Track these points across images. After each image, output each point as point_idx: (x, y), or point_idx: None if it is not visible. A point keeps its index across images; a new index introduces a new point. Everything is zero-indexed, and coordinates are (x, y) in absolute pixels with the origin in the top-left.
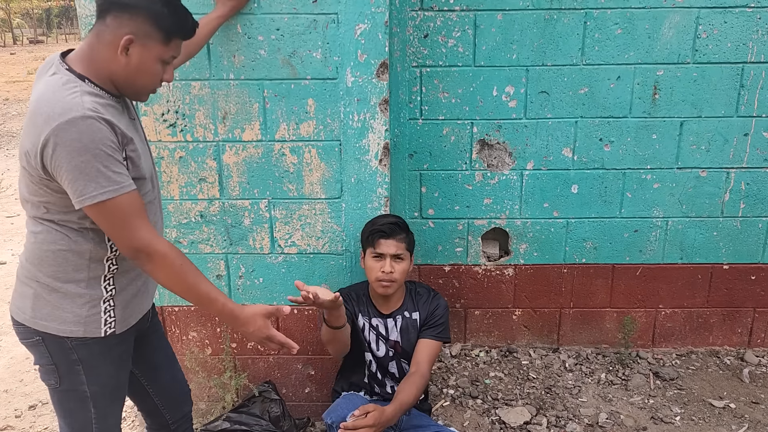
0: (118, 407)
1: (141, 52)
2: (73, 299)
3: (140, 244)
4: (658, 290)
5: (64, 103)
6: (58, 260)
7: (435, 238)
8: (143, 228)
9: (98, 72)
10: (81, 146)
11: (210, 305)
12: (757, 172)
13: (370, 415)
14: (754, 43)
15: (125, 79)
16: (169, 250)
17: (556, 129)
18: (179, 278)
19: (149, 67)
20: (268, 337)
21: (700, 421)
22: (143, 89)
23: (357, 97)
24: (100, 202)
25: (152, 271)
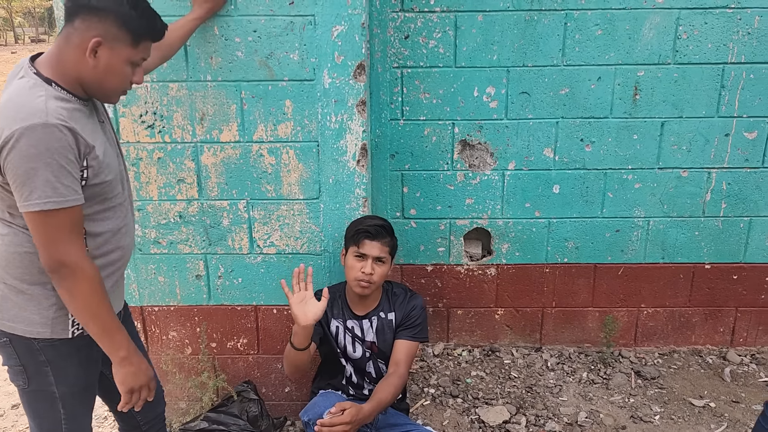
0: (87, 408)
1: (109, 55)
2: (39, 301)
3: (67, 260)
4: (640, 290)
5: (28, 108)
6: (24, 263)
7: (417, 238)
8: (77, 244)
9: (66, 75)
10: (35, 153)
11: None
12: (739, 172)
13: (347, 412)
14: (734, 44)
15: (94, 81)
16: (93, 272)
17: (537, 129)
18: (96, 303)
19: (118, 69)
20: (152, 378)
21: (679, 420)
22: (112, 91)
23: (334, 98)
24: (41, 211)
25: (70, 287)
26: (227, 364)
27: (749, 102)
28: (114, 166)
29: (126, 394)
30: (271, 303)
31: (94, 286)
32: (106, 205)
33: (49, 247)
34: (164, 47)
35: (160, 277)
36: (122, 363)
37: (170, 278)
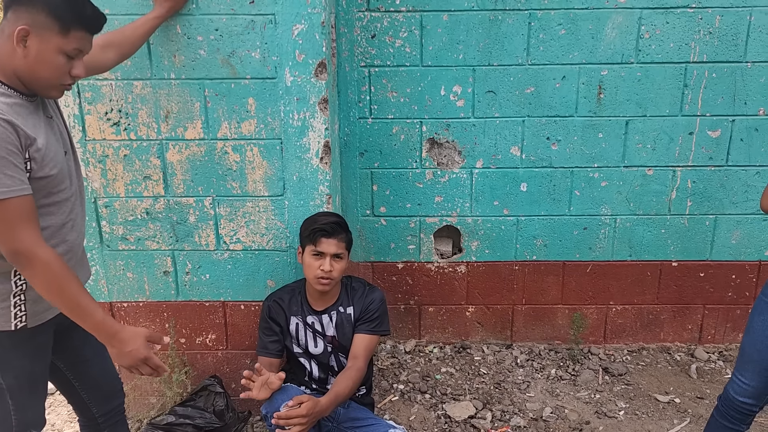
0: (37, 400)
1: (39, 44)
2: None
3: (21, 248)
4: (608, 287)
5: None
6: None
7: (387, 236)
8: (28, 232)
9: (4, 69)
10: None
11: (87, 318)
12: (703, 170)
13: (304, 405)
14: (696, 43)
15: (27, 72)
16: (51, 257)
17: (504, 128)
18: (58, 286)
19: (49, 58)
20: (145, 358)
21: (643, 416)
22: (47, 82)
23: (296, 96)
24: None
25: (31, 276)
26: (196, 359)
27: (712, 101)
28: (59, 161)
29: (125, 370)
30: (238, 299)
31: (53, 272)
32: (50, 199)
33: (3, 237)
34: (124, 45)
35: (129, 273)
36: (106, 343)
37: (138, 274)
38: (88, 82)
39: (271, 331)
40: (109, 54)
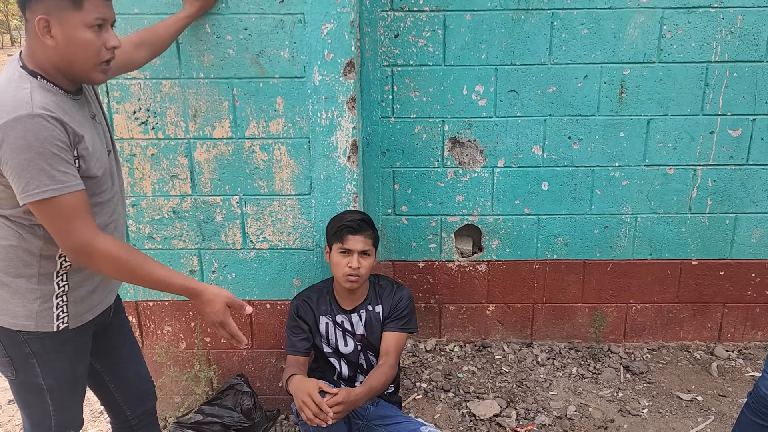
0: (76, 400)
1: (62, 27)
2: (24, 294)
3: (79, 244)
4: (628, 285)
5: (14, 101)
6: (9, 256)
7: (409, 235)
8: (84, 228)
9: (44, 67)
10: (25, 144)
11: (168, 288)
12: (724, 169)
13: (339, 393)
14: (717, 43)
15: (63, 61)
16: (110, 246)
17: (526, 127)
18: (128, 271)
19: (77, 38)
20: (222, 323)
21: (666, 414)
22: (87, 64)
23: (325, 95)
24: (41, 200)
25: (98, 269)
26: (222, 358)
27: (733, 100)
28: (103, 162)
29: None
30: (264, 298)
31: (115, 260)
32: (94, 200)
33: (62, 235)
34: (157, 43)
35: None
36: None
37: None
38: (117, 81)
39: (300, 329)
40: (141, 52)
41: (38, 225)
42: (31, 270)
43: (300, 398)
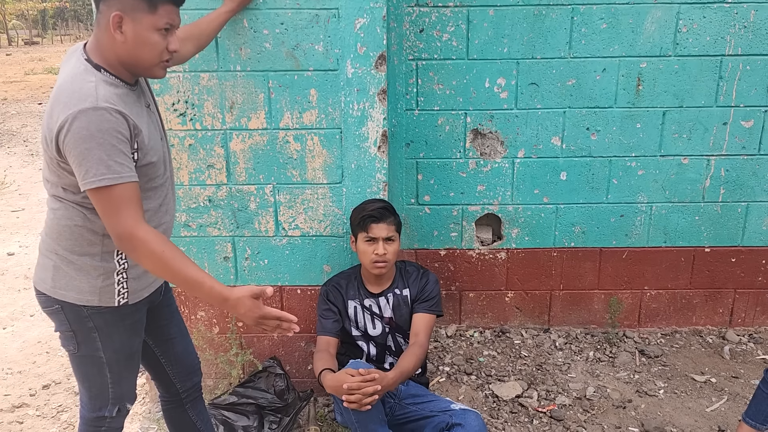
0: (132, 373)
1: (133, 26)
2: (88, 271)
3: (124, 231)
4: (643, 272)
5: (81, 94)
6: (74, 235)
7: (431, 224)
8: (130, 216)
9: (108, 59)
10: (88, 134)
11: (197, 289)
12: (736, 159)
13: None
14: (731, 37)
15: (129, 56)
16: (151, 238)
17: (546, 119)
18: (162, 264)
19: (146, 38)
20: (261, 316)
21: (682, 394)
22: (150, 62)
23: (357, 87)
24: (96, 188)
25: (138, 258)
26: (253, 342)
27: (746, 92)
28: (158, 149)
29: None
30: (295, 283)
31: (156, 252)
32: (149, 185)
33: (110, 222)
34: (201, 37)
35: None
36: (224, 308)
37: (199, 260)
38: None
39: (330, 312)
40: (188, 46)
41: None
42: (94, 249)
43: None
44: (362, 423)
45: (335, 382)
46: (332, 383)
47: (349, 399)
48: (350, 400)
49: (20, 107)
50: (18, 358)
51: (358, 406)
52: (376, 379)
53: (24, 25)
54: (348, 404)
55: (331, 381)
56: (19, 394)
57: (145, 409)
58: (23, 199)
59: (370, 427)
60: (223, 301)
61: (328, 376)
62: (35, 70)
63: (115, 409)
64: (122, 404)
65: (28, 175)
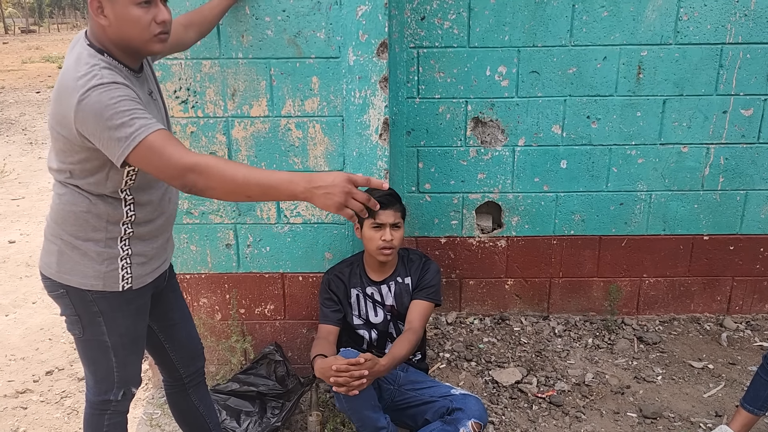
0: (137, 357)
1: (112, 7)
2: (93, 256)
3: (185, 167)
4: (642, 260)
5: (85, 78)
6: (79, 221)
7: (431, 212)
8: (182, 152)
9: (105, 45)
10: (102, 107)
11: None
12: (735, 147)
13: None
14: (732, 25)
15: (119, 38)
16: (213, 160)
17: (546, 107)
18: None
19: (127, 15)
20: (350, 193)
21: (680, 380)
22: (140, 39)
23: (358, 75)
24: (135, 149)
25: (205, 189)
26: (255, 329)
27: (746, 80)
28: None
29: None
30: (297, 270)
31: (221, 171)
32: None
33: (165, 172)
34: (203, 24)
35: (192, 246)
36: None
37: (202, 247)
38: (158, 62)
39: (332, 301)
40: (190, 33)
41: (106, 195)
42: (99, 234)
43: (329, 376)
44: (354, 409)
45: (324, 365)
46: (321, 367)
47: (337, 382)
48: (338, 383)
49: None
50: (21, 344)
51: (346, 390)
52: (365, 364)
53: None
54: (336, 388)
55: (321, 365)
56: (23, 380)
57: (149, 394)
58: (23, 187)
59: (363, 413)
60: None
61: (318, 361)
62: (32, 58)
63: (121, 392)
64: (127, 388)
65: (28, 164)
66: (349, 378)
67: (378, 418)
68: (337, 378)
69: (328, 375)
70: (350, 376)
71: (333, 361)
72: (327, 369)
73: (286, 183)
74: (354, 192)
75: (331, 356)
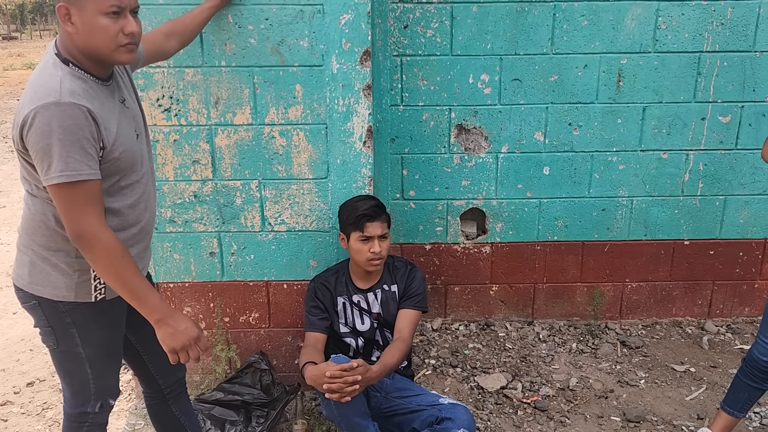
0: (113, 368)
1: (80, 15)
2: (63, 267)
3: (86, 231)
4: (624, 265)
5: (46, 88)
6: (49, 231)
7: (416, 219)
8: (91, 216)
9: (72, 53)
10: (48, 130)
11: (145, 299)
12: (714, 153)
13: (358, 368)
14: (709, 34)
15: (85, 46)
16: (113, 242)
17: (529, 114)
18: (117, 270)
19: (94, 24)
20: (198, 337)
21: (662, 384)
22: (106, 49)
23: (342, 83)
24: (55, 185)
25: (92, 258)
26: (240, 337)
27: (723, 88)
28: (129, 145)
29: (169, 353)
30: (281, 278)
31: (113, 256)
32: (123, 182)
33: (68, 219)
34: (185, 33)
35: (176, 255)
36: (158, 325)
37: (185, 256)
38: (141, 70)
39: (319, 309)
40: (172, 41)
41: None
42: (69, 245)
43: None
44: (345, 416)
45: (317, 372)
46: (313, 374)
47: (330, 388)
48: (331, 389)
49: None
50: (1, 355)
51: (339, 396)
52: (357, 370)
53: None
54: (329, 395)
55: (312, 372)
56: (3, 392)
57: (132, 405)
58: (4, 196)
59: (353, 419)
60: (169, 315)
61: (309, 368)
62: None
63: (98, 404)
64: (105, 400)
65: (8, 172)
66: (343, 384)
67: (367, 425)
68: (331, 384)
69: (321, 381)
70: (344, 382)
71: (325, 367)
72: (320, 375)
73: (149, 305)
74: (192, 349)
75: (323, 363)
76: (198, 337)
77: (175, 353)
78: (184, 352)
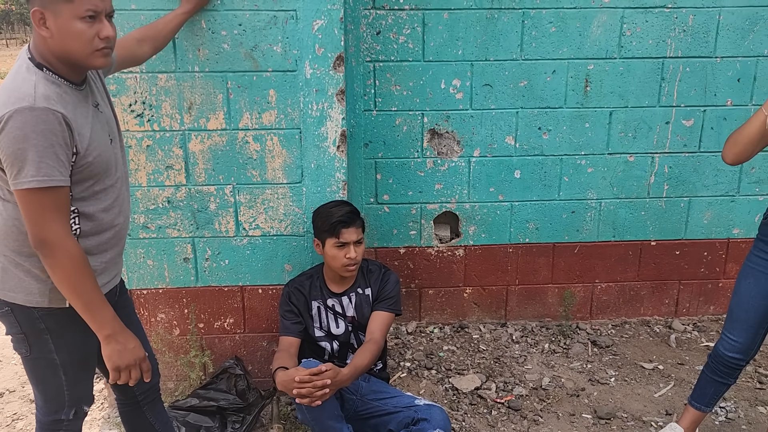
0: (88, 375)
1: (55, 19)
2: (36, 273)
3: (49, 238)
4: (594, 266)
5: (18, 93)
6: (21, 237)
7: (390, 223)
8: (58, 223)
9: (46, 57)
10: (21, 135)
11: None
12: (678, 156)
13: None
14: (672, 40)
15: (60, 50)
16: (77, 251)
17: (500, 119)
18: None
19: (69, 29)
20: (143, 358)
21: (632, 381)
22: (82, 53)
23: (315, 87)
24: (26, 190)
25: (51, 265)
26: (214, 343)
27: (686, 92)
28: (103, 150)
29: (112, 371)
30: (256, 283)
31: (74, 265)
32: (97, 187)
33: (33, 225)
34: (158, 38)
35: (149, 261)
36: (107, 340)
37: (159, 262)
38: (113, 75)
39: (293, 313)
40: (144, 47)
41: None
42: None
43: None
44: (318, 419)
45: (286, 378)
46: (283, 379)
47: (300, 393)
48: (301, 394)
49: None
50: None
51: (310, 401)
52: (327, 374)
53: None
54: (300, 399)
55: (282, 377)
56: None
57: (105, 414)
58: None
59: (326, 423)
60: (119, 332)
61: (279, 374)
62: None
63: (72, 411)
64: (79, 407)
65: None
66: (312, 389)
67: (341, 428)
68: (300, 389)
69: (290, 387)
70: (313, 387)
71: (295, 372)
72: (289, 381)
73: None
74: (135, 369)
75: (293, 368)
76: (144, 358)
77: (118, 372)
78: (127, 371)
